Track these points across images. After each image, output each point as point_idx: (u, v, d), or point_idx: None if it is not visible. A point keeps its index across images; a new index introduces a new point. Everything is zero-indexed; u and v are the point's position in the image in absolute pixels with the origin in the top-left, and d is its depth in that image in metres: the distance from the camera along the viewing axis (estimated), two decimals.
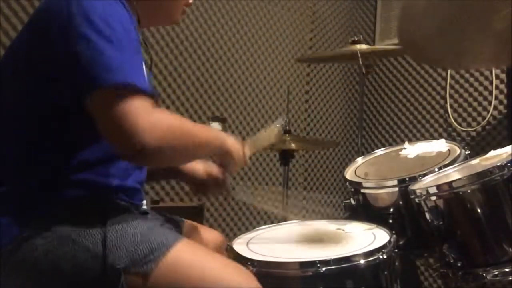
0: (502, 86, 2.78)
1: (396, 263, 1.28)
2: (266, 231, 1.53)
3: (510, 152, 1.41)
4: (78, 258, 0.96)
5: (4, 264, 0.98)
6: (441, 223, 1.40)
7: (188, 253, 1.04)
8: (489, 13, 1.33)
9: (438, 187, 1.37)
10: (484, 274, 1.32)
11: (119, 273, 0.96)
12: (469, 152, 1.64)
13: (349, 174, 1.77)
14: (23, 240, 0.97)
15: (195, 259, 1.04)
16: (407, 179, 1.55)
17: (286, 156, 2.16)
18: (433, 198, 1.39)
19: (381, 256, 1.22)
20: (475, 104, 2.87)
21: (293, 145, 2.11)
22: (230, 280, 1.03)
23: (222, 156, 1.24)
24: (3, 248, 0.98)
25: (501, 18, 1.31)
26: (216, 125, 2.23)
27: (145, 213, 1.20)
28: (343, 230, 1.44)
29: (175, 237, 1.05)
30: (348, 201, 1.71)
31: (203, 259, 1.06)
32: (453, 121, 2.93)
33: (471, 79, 2.89)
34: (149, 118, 0.94)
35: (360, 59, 2.31)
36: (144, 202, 1.25)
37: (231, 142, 1.23)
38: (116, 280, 0.95)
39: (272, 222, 1.61)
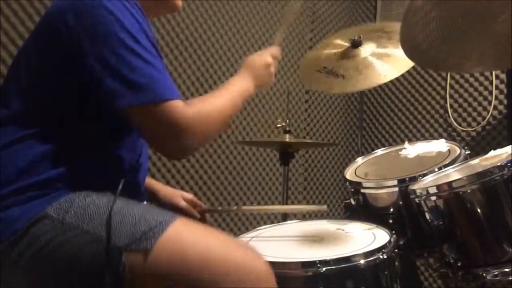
0: (502, 86, 2.78)
1: (396, 263, 1.29)
2: (266, 231, 1.53)
3: (510, 152, 1.41)
4: (80, 243, 0.96)
5: (4, 258, 0.98)
6: (441, 223, 1.40)
7: (188, 230, 1.03)
8: (490, 16, 1.33)
9: (438, 187, 1.37)
10: (484, 274, 1.32)
11: (120, 253, 0.95)
12: (469, 152, 1.64)
13: (349, 174, 1.77)
14: (23, 232, 0.97)
15: (196, 234, 1.03)
16: (407, 179, 1.55)
17: (286, 156, 2.16)
18: (433, 198, 1.39)
19: (381, 256, 1.22)
20: (475, 104, 2.87)
21: (293, 145, 2.11)
22: (233, 255, 1.02)
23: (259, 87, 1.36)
24: (3, 242, 0.98)
25: (501, 21, 1.31)
26: None
27: None
28: (343, 230, 1.44)
29: (173, 215, 1.04)
30: (348, 201, 1.72)
31: (204, 234, 1.05)
32: (453, 121, 2.93)
33: (471, 79, 2.89)
34: (188, 117, 1.04)
35: None
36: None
37: (253, 76, 1.33)
38: (117, 260, 0.95)
39: (272, 222, 1.61)
